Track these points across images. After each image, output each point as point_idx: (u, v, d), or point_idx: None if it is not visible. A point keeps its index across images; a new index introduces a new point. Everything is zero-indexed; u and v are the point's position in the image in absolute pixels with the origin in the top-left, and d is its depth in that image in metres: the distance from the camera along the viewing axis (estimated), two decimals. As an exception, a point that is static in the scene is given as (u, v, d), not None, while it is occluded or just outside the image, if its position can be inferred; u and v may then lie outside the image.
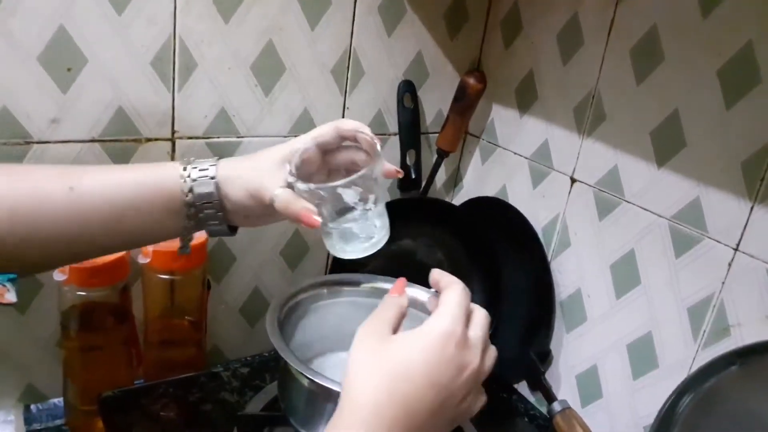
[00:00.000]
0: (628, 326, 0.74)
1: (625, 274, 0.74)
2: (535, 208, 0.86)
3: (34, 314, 0.71)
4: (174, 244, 0.70)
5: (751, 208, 0.62)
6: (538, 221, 0.86)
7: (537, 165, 0.86)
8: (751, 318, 0.63)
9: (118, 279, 0.69)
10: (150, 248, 0.70)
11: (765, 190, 0.61)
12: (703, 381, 0.64)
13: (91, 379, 0.72)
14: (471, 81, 0.86)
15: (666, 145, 0.69)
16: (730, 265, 0.64)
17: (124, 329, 0.73)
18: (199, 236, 0.72)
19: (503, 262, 0.86)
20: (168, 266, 0.72)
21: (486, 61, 0.92)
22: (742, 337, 0.64)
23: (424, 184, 0.92)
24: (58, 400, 0.75)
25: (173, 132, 0.73)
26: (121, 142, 0.70)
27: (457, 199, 1.00)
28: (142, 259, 0.71)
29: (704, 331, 0.67)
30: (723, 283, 0.65)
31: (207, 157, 0.74)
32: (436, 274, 0.52)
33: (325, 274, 0.91)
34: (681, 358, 0.69)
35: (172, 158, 0.74)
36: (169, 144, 0.73)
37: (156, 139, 0.72)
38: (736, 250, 0.64)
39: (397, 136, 0.89)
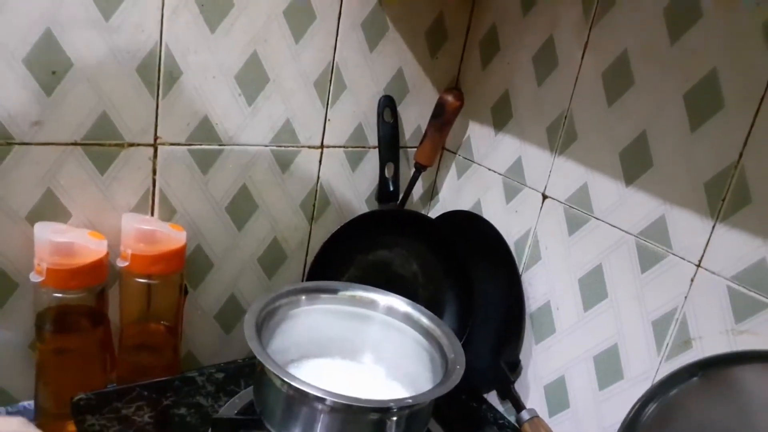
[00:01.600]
0: (595, 338, 0.77)
1: (593, 288, 0.77)
2: (508, 223, 0.89)
3: (7, 315, 0.71)
4: (153, 247, 0.72)
5: (713, 227, 0.65)
6: (510, 235, 0.89)
7: (510, 181, 0.88)
8: (712, 331, 0.66)
9: (95, 282, 0.69)
10: (129, 251, 0.70)
11: (726, 210, 0.64)
12: (665, 391, 0.66)
13: (63, 382, 0.72)
14: (449, 98, 0.88)
15: (634, 165, 0.72)
16: (692, 280, 0.67)
17: (99, 332, 0.73)
18: (178, 241, 0.73)
19: (476, 274, 0.88)
20: (146, 270, 0.72)
21: (464, 80, 0.95)
22: (703, 349, 0.66)
23: (401, 196, 0.94)
24: (29, 403, 0.74)
25: (155, 138, 0.73)
26: (103, 146, 0.70)
27: (433, 212, 1.02)
28: (121, 263, 0.71)
29: (667, 344, 0.70)
30: (686, 297, 0.68)
31: (189, 164, 0.76)
32: None
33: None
34: (645, 369, 0.72)
35: (154, 164, 0.74)
36: (151, 150, 0.74)
37: (138, 145, 0.72)
38: (698, 266, 0.67)
39: (377, 150, 0.91)
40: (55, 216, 0.70)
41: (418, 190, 0.99)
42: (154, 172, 0.75)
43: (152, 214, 0.76)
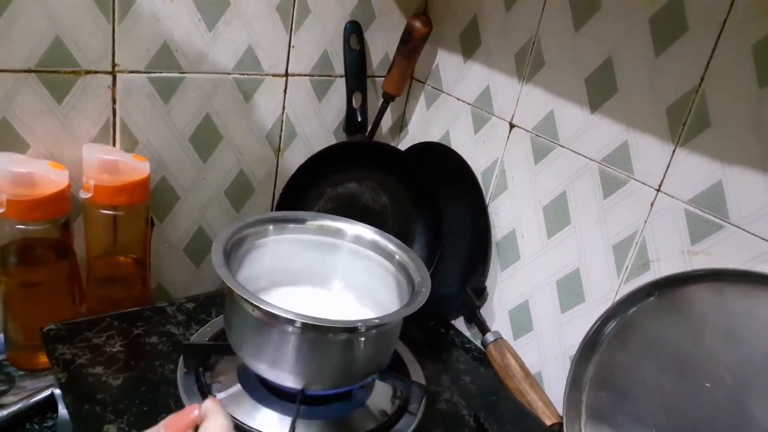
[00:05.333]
0: (558, 264, 0.79)
1: (557, 215, 0.79)
2: (476, 153, 0.89)
3: (-30, 249, 0.70)
4: (116, 178, 0.71)
5: (673, 151, 0.67)
6: (478, 166, 0.89)
7: (478, 111, 0.88)
8: (669, 253, 0.68)
9: (58, 213, 0.68)
10: (91, 182, 0.69)
11: (687, 134, 0.65)
12: (624, 310, 0.69)
13: (32, 315, 0.72)
14: (417, 24, 0.87)
15: (599, 91, 0.73)
16: (652, 204, 0.69)
17: (65, 265, 0.73)
18: (142, 171, 0.72)
19: (445, 205, 0.89)
20: (110, 201, 0.71)
21: (432, 5, 0.93)
22: (660, 270, 0.69)
23: (370, 128, 0.93)
24: (-1, 335, 0.74)
25: (114, 65, 0.71)
26: (58, 73, 0.68)
27: (403, 144, 1.01)
28: (84, 194, 0.70)
29: (627, 267, 0.72)
30: (645, 221, 0.70)
31: (150, 93, 0.74)
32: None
33: (271, 214, 0.92)
34: (605, 292, 0.74)
35: (113, 93, 0.72)
36: (109, 78, 0.71)
37: (96, 72, 0.70)
38: (658, 190, 0.68)
39: (344, 79, 0.89)
40: (13, 147, 0.68)
41: (387, 122, 0.98)
42: (114, 101, 0.73)
43: (114, 145, 0.75)
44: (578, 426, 0.72)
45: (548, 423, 0.73)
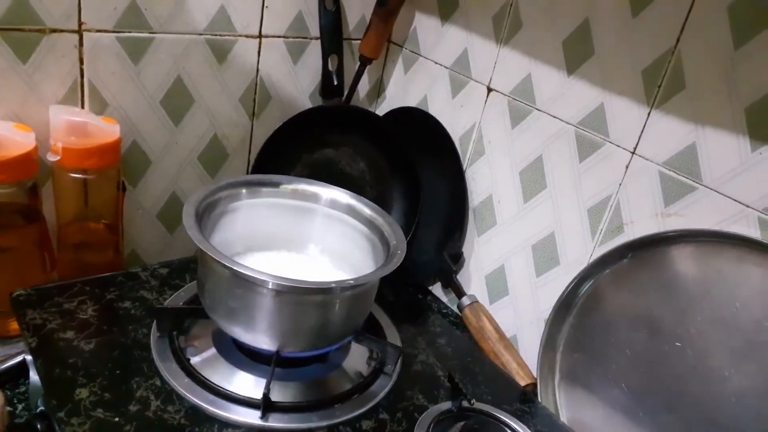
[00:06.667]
0: (534, 228, 0.79)
1: (533, 180, 0.79)
2: (454, 118, 0.89)
3: (-66, 213, 0.68)
4: (85, 140, 0.69)
5: (648, 114, 0.67)
6: (455, 131, 0.89)
7: (456, 75, 0.87)
8: (643, 215, 0.68)
9: (24, 176, 0.66)
10: (59, 145, 0.67)
11: (662, 97, 0.65)
12: (598, 272, 0.70)
13: (1, 281, 0.70)
14: (393, -14, 0.85)
15: (576, 54, 0.72)
16: (627, 167, 0.69)
17: (34, 230, 0.71)
18: (112, 133, 0.71)
19: (423, 171, 0.89)
20: (79, 164, 0.69)
21: (409, -32, 0.91)
22: (634, 233, 0.69)
23: (347, 92, 0.92)
24: (-33, 303, 0.73)
25: (80, 23, 0.69)
26: (22, 31, 0.66)
27: (381, 110, 1.00)
28: (52, 157, 0.68)
29: (601, 230, 0.73)
30: (620, 184, 0.70)
31: (119, 53, 0.72)
32: None
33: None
34: (580, 255, 0.75)
35: (80, 53, 0.70)
36: (76, 36, 0.69)
37: (62, 31, 0.68)
38: (633, 153, 0.69)
39: (319, 41, 0.88)
40: (-25, 108, 0.67)
41: (364, 86, 0.97)
42: (81, 61, 0.70)
43: (82, 107, 0.73)
44: (552, 386, 0.73)
45: (522, 384, 0.74)
